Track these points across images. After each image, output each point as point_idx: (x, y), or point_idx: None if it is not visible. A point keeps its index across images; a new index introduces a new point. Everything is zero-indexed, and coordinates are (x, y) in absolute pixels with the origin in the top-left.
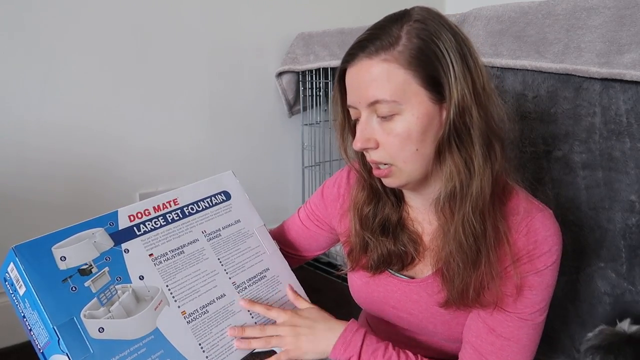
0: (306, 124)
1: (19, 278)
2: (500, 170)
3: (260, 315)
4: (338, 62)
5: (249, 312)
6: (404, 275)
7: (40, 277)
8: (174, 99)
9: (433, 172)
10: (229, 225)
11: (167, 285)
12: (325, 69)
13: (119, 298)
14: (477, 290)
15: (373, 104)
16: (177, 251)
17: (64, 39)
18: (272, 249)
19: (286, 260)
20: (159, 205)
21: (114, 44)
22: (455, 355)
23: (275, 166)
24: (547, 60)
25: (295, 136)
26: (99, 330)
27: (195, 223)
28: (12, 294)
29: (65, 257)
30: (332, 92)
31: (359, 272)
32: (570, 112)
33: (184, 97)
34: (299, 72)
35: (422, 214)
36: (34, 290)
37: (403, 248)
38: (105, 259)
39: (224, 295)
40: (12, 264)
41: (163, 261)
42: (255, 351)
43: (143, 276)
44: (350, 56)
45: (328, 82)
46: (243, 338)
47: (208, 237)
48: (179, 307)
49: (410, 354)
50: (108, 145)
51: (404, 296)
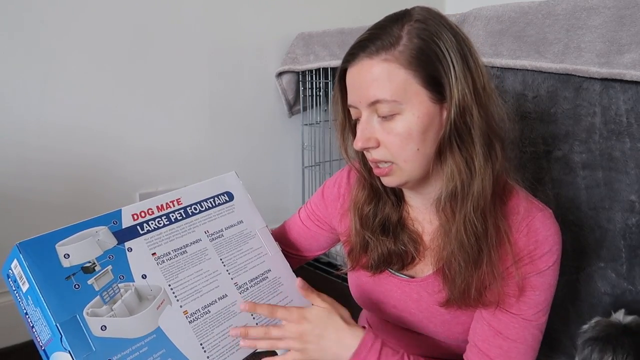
0: (306, 124)
1: (22, 275)
2: (501, 169)
3: (262, 317)
4: (338, 62)
5: (250, 314)
6: (404, 275)
7: (44, 274)
8: (174, 99)
9: (434, 172)
10: (232, 226)
11: (170, 285)
12: (325, 69)
13: (122, 296)
14: (479, 289)
15: (374, 103)
16: (180, 251)
17: (64, 39)
18: (274, 251)
19: (287, 261)
20: (162, 205)
21: (114, 44)
22: (455, 354)
23: (275, 166)
24: (547, 60)
25: (295, 136)
26: (102, 328)
27: (198, 223)
28: (15, 291)
29: (68, 255)
30: (333, 92)
31: (359, 272)
32: (570, 112)
33: (184, 97)
34: (299, 72)
35: (423, 214)
36: (37, 287)
37: (403, 247)
38: (109, 257)
39: (226, 295)
40: (16, 261)
41: (166, 260)
42: (256, 351)
43: (146, 275)
44: (351, 56)
45: (328, 82)
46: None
47: (211, 238)
48: (181, 307)
49: None
50: (108, 145)
51: (404, 296)
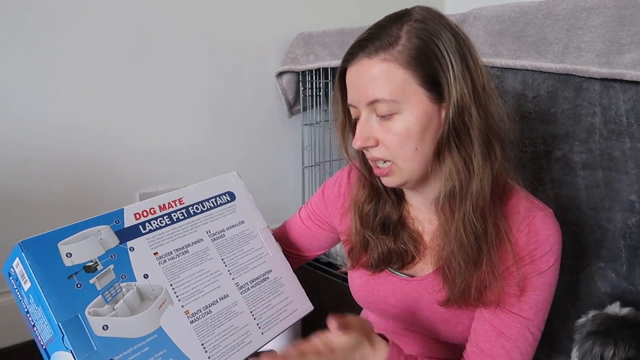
0: (306, 124)
1: (24, 273)
2: (500, 169)
3: (262, 317)
4: (338, 62)
5: (251, 314)
6: (403, 274)
7: (46, 273)
8: (174, 99)
9: (432, 172)
10: (233, 226)
11: (171, 285)
12: (325, 69)
13: (124, 296)
14: (479, 289)
15: (372, 103)
16: (182, 250)
17: (64, 39)
18: (275, 251)
19: (288, 261)
20: (164, 204)
21: (114, 44)
22: (455, 354)
23: (275, 166)
24: (547, 60)
25: (295, 136)
26: (103, 328)
27: (200, 223)
28: (16, 289)
29: (71, 254)
30: (333, 92)
31: (359, 271)
32: (570, 112)
33: (184, 97)
34: (299, 72)
35: (423, 213)
36: (39, 286)
37: (403, 246)
38: (111, 257)
39: (227, 295)
40: (18, 259)
41: (167, 260)
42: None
43: (147, 275)
44: (351, 55)
45: (328, 82)
46: None
47: (212, 237)
48: (183, 307)
49: None
50: (108, 145)
51: (404, 295)
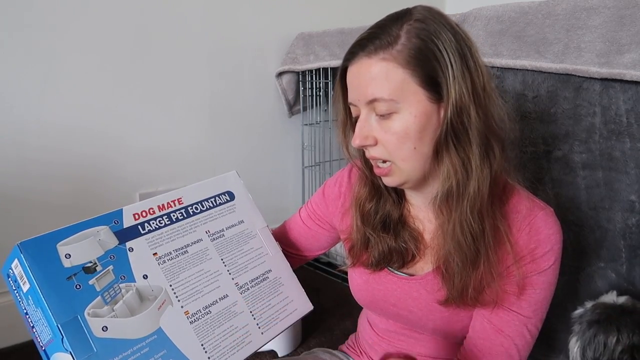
0: (306, 124)
1: (23, 274)
2: (500, 170)
3: (262, 317)
4: (338, 62)
5: (251, 314)
6: (403, 273)
7: (45, 274)
8: (174, 99)
9: (431, 171)
10: (233, 226)
11: (171, 285)
12: (325, 69)
13: (123, 297)
14: (477, 289)
15: (372, 102)
16: (181, 251)
17: (64, 39)
18: (275, 251)
19: (287, 261)
20: (163, 204)
21: (114, 44)
22: (455, 353)
23: (275, 166)
24: (547, 60)
25: (295, 136)
26: (103, 329)
27: (199, 223)
28: (15, 290)
29: (70, 255)
30: (334, 90)
31: (359, 270)
32: (570, 112)
33: (184, 97)
34: (299, 72)
35: (423, 212)
36: (38, 288)
37: (404, 245)
38: (110, 257)
39: (227, 295)
40: (17, 260)
41: (167, 260)
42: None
43: (147, 275)
44: (351, 55)
45: (328, 82)
46: None
47: (212, 237)
48: (182, 307)
49: None
50: (108, 145)
51: (403, 294)
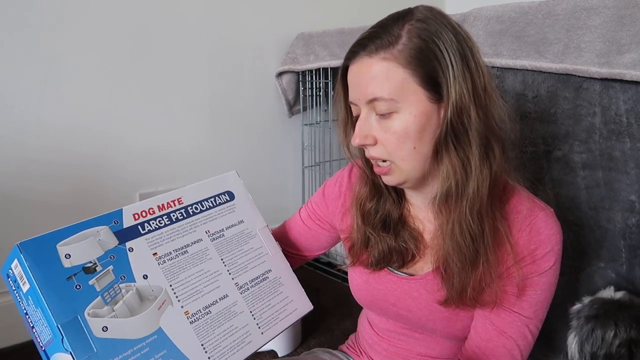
0: (306, 124)
1: (23, 275)
2: (499, 171)
3: (262, 317)
4: (338, 62)
5: (251, 314)
6: (403, 273)
7: (45, 275)
8: (174, 99)
9: (431, 171)
10: (233, 226)
11: (171, 285)
12: (325, 69)
13: (123, 297)
14: (477, 289)
15: (372, 101)
16: (181, 251)
17: (64, 39)
18: (275, 251)
19: (287, 261)
20: (163, 204)
21: (114, 44)
22: (455, 353)
23: (275, 166)
24: (547, 60)
25: (295, 136)
26: (103, 329)
27: (199, 223)
28: (15, 291)
29: (70, 255)
30: (335, 89)
31: (359, 270)
32: (570, 112)
33: (184, 97)
34: (299, 72)
35: (423, 212)
36: (38, 288)
37: (404, 244)
38: (110, 258)
39: (227, 295)
40: (17, 261)
41: (167, 260)
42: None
43: (147, 275)
44: (352, 54)
45: (328, 82)
46: None
47: (212, 237)
48: (182, 307)
49: None
50: (108, 145)
51: (403, 294)
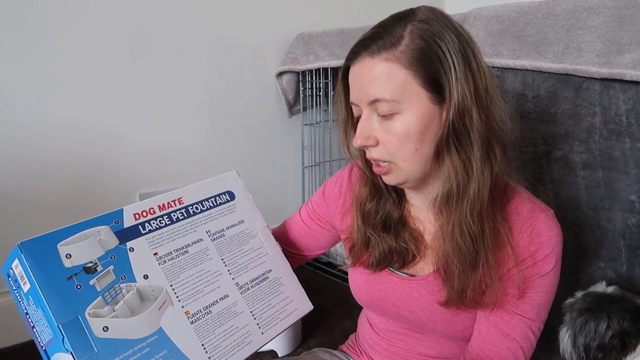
0: (306, 124)
1: (24, 274)
2: (500, 172)
3: (263, 317)
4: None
5: (251, 314)
6: (404, 273)
7: (46, 275)
8: (174, 99)
9: (432, 172)
10: (233, 226)
11: (171, 285)
12: (325, 69)
13: (124, 297)
14: (477, 291)
15: (373, 102)
16: (182, 251)
17: (63, 39)
18: (275, 250)
19: (287, 261)
20: (164, 204)
21: (114, 44)
22: (455, 354)
23: (275, 166)
24: (547, 60)
25: (295, 136)
26: (104, 329)
27: (199, 223)
28: (16, 290)
29: (70, 255)
30: (336, 90)
31: (359, 270)
32: (570, 112)
33: (184, 97)
34: (299, 72)
35: (424, 213)
36: (38, 288)
37: (404, 245)
38: (110, 257)
39: (227, 295)
40: (17, 260)
41: (167, 260)
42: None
43: (147, 275)
44: (354, 54)
45: (328, 82)
46: None
47: (212, 237)
48: (183, 307)
49: None
50: (108, 145)
51: (404, 294)
